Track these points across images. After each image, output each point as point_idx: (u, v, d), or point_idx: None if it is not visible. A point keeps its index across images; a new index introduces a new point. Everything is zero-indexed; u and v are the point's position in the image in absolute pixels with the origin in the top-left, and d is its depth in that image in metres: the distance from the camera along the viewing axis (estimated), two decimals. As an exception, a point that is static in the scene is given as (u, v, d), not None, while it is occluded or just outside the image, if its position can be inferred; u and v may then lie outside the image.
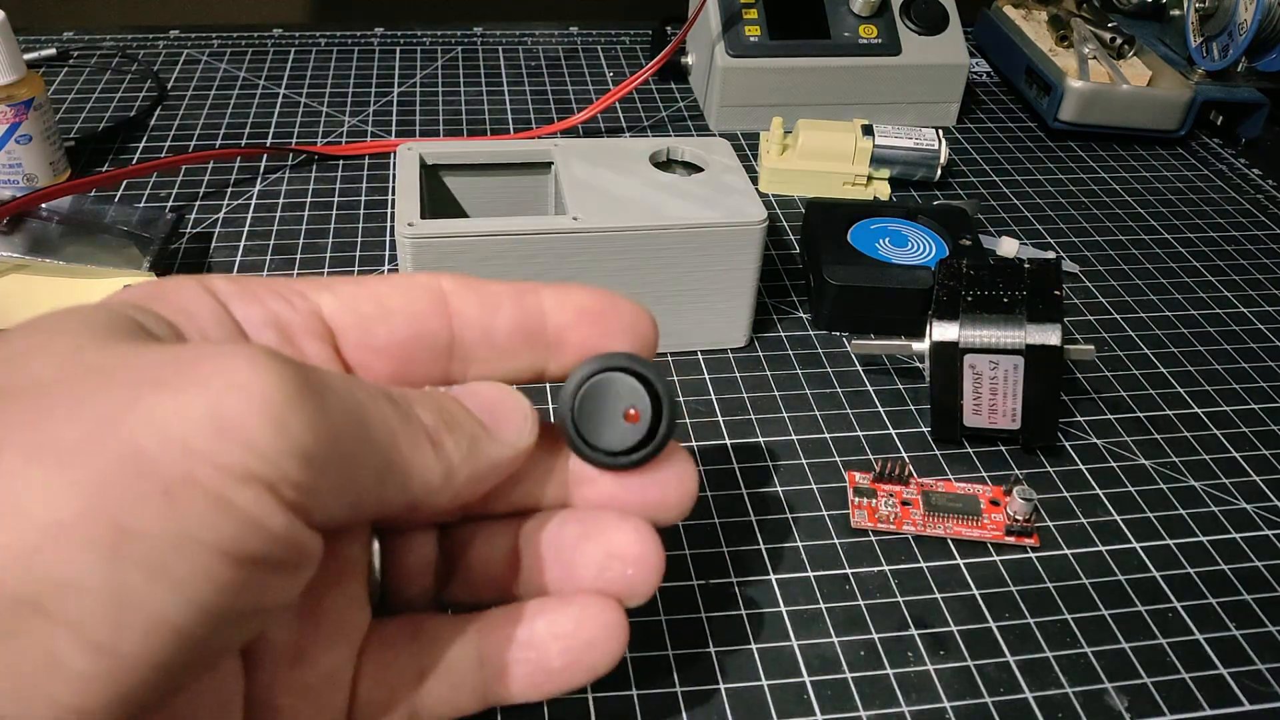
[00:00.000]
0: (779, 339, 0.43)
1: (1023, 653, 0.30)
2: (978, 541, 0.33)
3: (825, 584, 0.32)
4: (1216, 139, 0.62)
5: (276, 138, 0.57)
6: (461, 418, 0.22)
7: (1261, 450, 0.38)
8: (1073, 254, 0.50)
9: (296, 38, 0.69)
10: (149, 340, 0.19)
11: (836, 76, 0.58)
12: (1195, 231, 0.53)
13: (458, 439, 0.22)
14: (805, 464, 0.36)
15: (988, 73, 0.69)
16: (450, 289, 0.23)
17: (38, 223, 0.42)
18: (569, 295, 0.24)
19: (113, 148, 0.55)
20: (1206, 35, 0.59)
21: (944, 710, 0.28)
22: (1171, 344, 0.44)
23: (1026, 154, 0.59)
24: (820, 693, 0.28)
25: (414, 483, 0.21)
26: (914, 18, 0.59)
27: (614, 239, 0.37)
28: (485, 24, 0.72)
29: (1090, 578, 0.32)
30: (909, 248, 0.44)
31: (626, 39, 0.71)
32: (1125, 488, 0.36)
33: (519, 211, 0.42)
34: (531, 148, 0.42)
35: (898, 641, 0.30)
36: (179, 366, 0.17)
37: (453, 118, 0.60)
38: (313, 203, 0.50)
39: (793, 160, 0.53)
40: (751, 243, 0.38)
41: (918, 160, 0.52)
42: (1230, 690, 0.29)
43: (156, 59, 0.65)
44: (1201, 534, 0.34)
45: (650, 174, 0.40)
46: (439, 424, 0.21)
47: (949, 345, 0.35)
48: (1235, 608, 0.32)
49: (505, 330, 0.24)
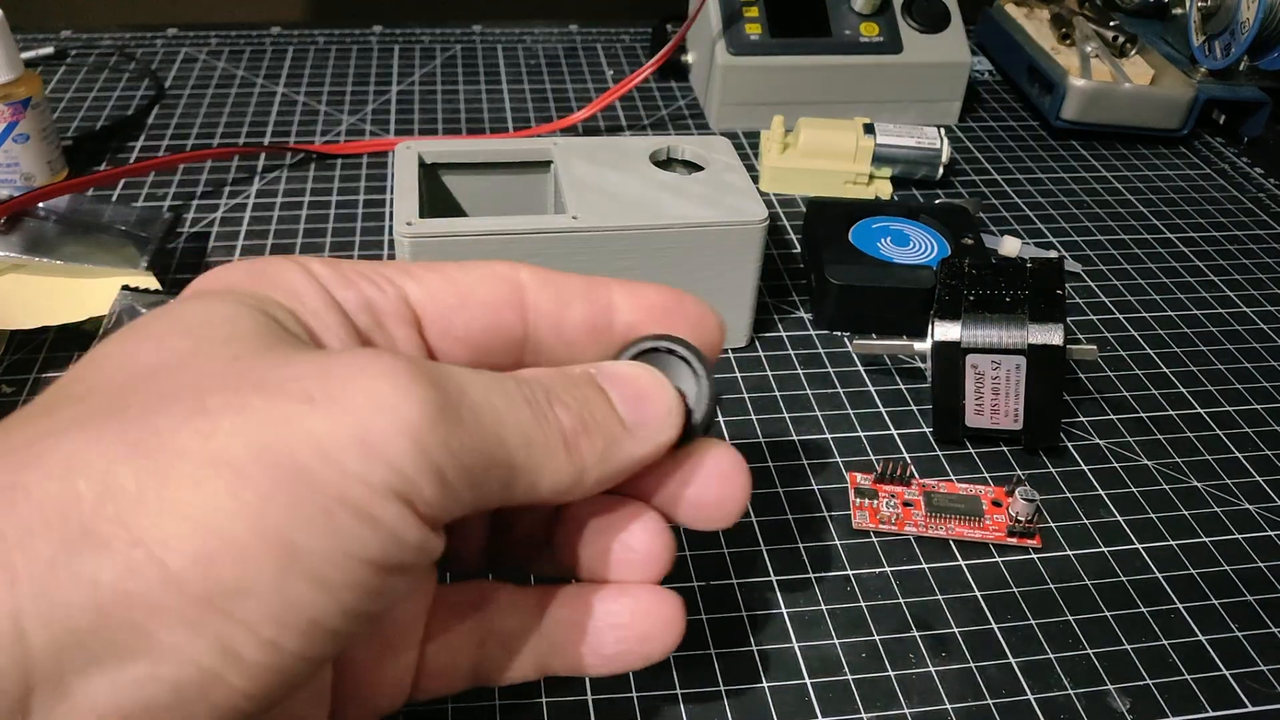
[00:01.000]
0: (780, 339, 0.42)
1: (1025, 654, 0.30)
2: (980, 542, 0.33)
3: (826, 585, 0.32)
4: (1219, 138, 0.62)
5: (274, 136, 0.57)
6: (601, 416, 0.22)
7: (1264, 451, 0.38)
8: (1075, 253, 0.50)
9: (295, 36, 0.69)
10: (291, 343, 0.20)
11: (838, 75, 0.58)
12: (1198, 230, 0.52)
13: (594, 440, 0.22)
14: (806, 464, 0.36)
15: (990, 71, 0.69)
16: (527, 281, 0.24)
17: (35, 222, 0.42)
18: (638, 292, 0.24)
19: (110, 147, 0.55)
20: (1209, 34, 0.59)
21: (946, 712, 0.28)
22: (1174, 344, 0.44)
23: (1029, 153, 0.59)
24: (821, 695, 0.28)
25: (542, 487, 0.21)
26: (916, 16, 0.59)
27: (614, 238, 0.37)
28: (484, 22, 0.72)
29: (1092, 579, 0.32)
30: (911, 247, 0.44)
31: (626, 37, 0.71)
32: (1128, 488, 0.36)
33: (518, 211, 0.42)
34: (531, 146, 0.42)
35: (899, 643, 0.30)
36: (328, 383, 0.18)
37: (451, 116, 0.59)
38: (311, 202, 0.50)
39: (794, 159, 0.52)
40: (752, 242, 0.38)
41: (919, 159, 0.52)
42: (1232, 691, 0.29)
43: (154, 57, 0.65)
44: (1204, 535, 0.34)
45: (650, 173, 0.40)
46: (577, 426, 0.21)
47: (951, 345, 0.34)
48: (1238, 609, 0.32)
49: (576, 325, 0.24)
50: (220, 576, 0.17)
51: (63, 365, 0.39)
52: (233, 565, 0.17)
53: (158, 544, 0.16)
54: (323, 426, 0.18)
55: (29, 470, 0.17)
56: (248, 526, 0.17)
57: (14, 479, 0.17)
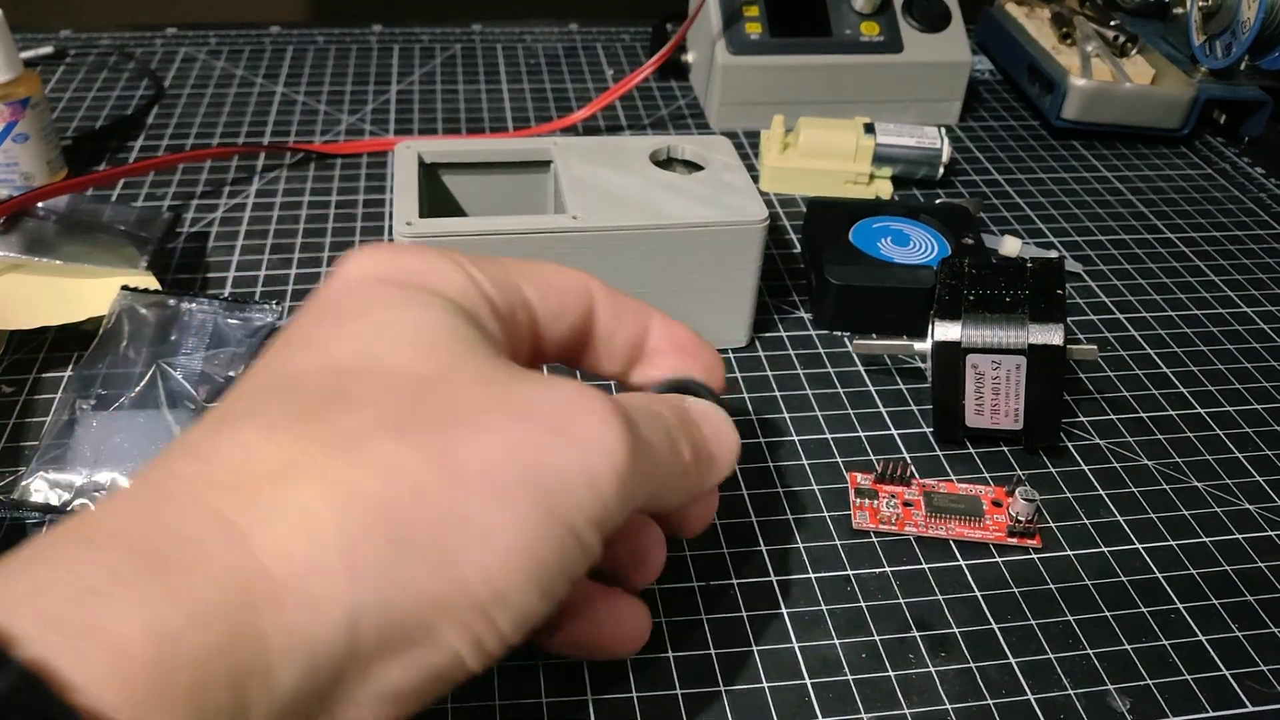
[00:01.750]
0: (780, 339, 0.42)
1: (1025, 654, 0.30)
2: (980, 543, 0.33)
3: (826, 585, 0.32)
4: (1220, 137, 0.62)
5: (274, 136, 0.57)
6: (702, 450, 0.25)
7: (1264, 451, 0.38)
8: (1075, 253, 0.50)
9: (294, 35, 0.69)
10: (504, 361, 0.23)
11: (838, 74, 0.58)
12: (1198, 230, 0.52)
13: (700, 472, 0.25)
14: (806, 465, 0.36)
15: (990, 71, 0.69)
16: (596, 293, 0.27)
17: (34, 222, 0.42)
18: (671, 327, 0.28)
19: (110, 146, 0.55)
20: (1209, 33, 0.59)
21: (946, 712, 0.28)
22: (1174, 343, 0.44)
23: (1029, 152, 0.59)
24: (821, 695, 0.28)
25: (669, 506, 0.25)
26: (916, 15, 0.59)
27: (614, 238, 0.37)
28: (484, 22, 0.72)
29: (1092, 579, 0.32)
30: (911, 247, 0.44)
31: (626, 37, 0.71)
32: (1128, 488, 0.36)
33: (518, 210, 0.42)
34: (531, 146, 0.42)
35: (899, 643, 0.30)
36: (563, 418, 0.21)
37: (451, 116, 0.59)
38: (310, 201, 0.50)
39: (794, 159, 0.52)
40: (752, 242, 0.38)
41: (920, 159, 0.52)
42: (1233, 691, 0.29)
43: (153, 57, 0.65)
44: (1204, 535, 0.34)
45: (650, 172, 0.40)
46: (693, 459, 0.25)
47: (951, 345, 0.34)
48: (1238, 609, 0.32)
49: (623, 341, 0.27)
50: (495, 586, 0.20)
51: (63, 365, 0.39)
52: (504, 577, 0.20)
53: (460, 551, 0.19)
54: (565, 460, 0.21)
55: (354, 469, 0.19)
56: (520, 550, 0.20)
57: (340, 475, 0.19)
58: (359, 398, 0.20)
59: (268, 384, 0.21)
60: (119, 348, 0.37)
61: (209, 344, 0.37)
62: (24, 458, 0.35)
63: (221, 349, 0.37)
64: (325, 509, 0.18)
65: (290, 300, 0.43)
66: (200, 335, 0.37)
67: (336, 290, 0.23)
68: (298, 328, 0.23)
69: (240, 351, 0.37)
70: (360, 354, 0.21)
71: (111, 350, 0.36)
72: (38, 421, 0.36)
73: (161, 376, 0.35)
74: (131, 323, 0.37)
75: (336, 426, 0.20)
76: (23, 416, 0.36)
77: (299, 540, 0.18)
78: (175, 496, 0.18)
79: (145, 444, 0.33)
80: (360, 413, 0.20)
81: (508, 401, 0.21)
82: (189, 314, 0.38)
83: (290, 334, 0.23)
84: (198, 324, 0.38)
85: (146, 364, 0.36)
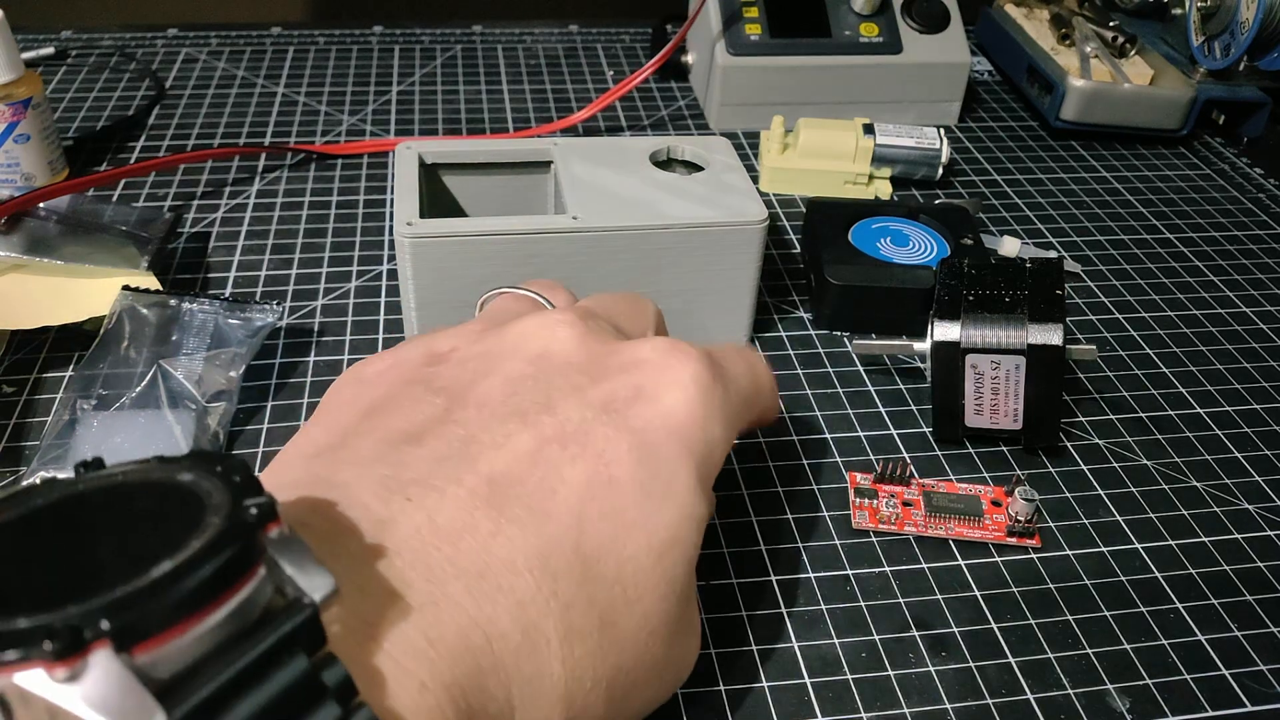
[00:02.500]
0: (780, 339, 0.42)
1: (1024, 654, 0.30)
2: (979, 542, 0.33)
3: (826, 585, 0.32)
4: (1219, 138, 0.62)
5: (275, 137, 0.57)
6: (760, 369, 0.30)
7: (1264, 450, 0.38)
8: (1074, 253, 0.50)
9: (295, 36, 0.69)
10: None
11: (837, 75, 0.58)
12: (1197, 231, 0.52)
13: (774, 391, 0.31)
14: (806, 464, 0.36)
15: (989, 71, 0.69)
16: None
17: (36, 222, 0.42)
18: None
19: (111, 147, 0.55)
20: (1208, 34, 0.59)
21: (945, 712, 0.28)
22: (1174, 344, 0.44)
23: (1028, 153, 0.59)
24: (821, 694, 0.28)
25: (767, 420, 0.31)
26: (915, 16, 0.59)
27: (614, 238, 0.37)
28: (484, 22, 0.72)
29: (1092, 578, 0.32)
30: (910, 247, 0.44)
31: (626, 37, 0.71)
32: (1127, 488, 0.36)
33: (518, 211, 0.42)
34: (531, 147, 0.42)
35: (899, 643, 0.30)
36: (661, 373, 0.25)
37: (452, 117, 0.59)
38: (311, 202, 0.50)
39: (793, 159, 0.52)
40: (752, 242, 0.38)
41: (919, 159, 0.52)
42: (1232, 691, 0.29)
43: (155, 58, 0.65)
44: (1203, 534, 0.34)
45: (650, 173, 0.40)
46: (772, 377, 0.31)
47: (950, 345, 0.34)
48: (1237, 608, 0.32)
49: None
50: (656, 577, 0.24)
51: (63, 365, 0.39)
52: (670, 566, 0.24)
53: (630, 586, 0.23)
54: (672, 409, 0.24)
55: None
56: (671, 542, 0.24)
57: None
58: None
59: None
60: (120, 348, 0.37)
61: (210, 344, 0.37)
62: (24, 458, 0.35)
63: (222, 349, 0.37)
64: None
65: (290, 300, 0.43)
66: (201, 335, 0.37)
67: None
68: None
69: (241, 351, 0.37)
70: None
71: (112, 350, 0.37)
72: (38, 421, 0.36)
73: (162, 376, 0.35)
74: (132, 323, 0.38)
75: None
76: (23, 416, 0.36)
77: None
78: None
79: (146, 444, 0.33)
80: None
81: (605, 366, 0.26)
82: (190, 314, 0.38)
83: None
84: (198, 324, 0.38)
85: (147, 364, 0.36)
